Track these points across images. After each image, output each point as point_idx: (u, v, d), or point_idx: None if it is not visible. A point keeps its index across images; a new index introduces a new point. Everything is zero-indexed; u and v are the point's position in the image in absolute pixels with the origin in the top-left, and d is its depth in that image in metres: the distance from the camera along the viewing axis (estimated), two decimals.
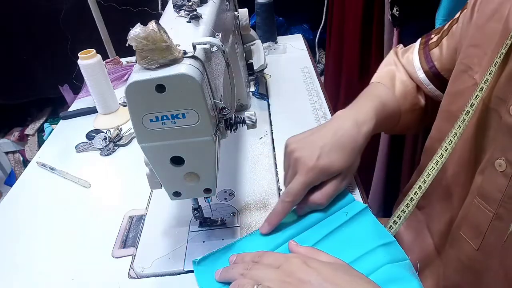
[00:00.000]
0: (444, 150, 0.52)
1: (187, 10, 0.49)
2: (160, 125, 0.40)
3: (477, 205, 0.51)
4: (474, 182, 0.52)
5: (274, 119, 0.82)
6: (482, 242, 0.51)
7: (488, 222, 0.50)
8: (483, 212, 0.50)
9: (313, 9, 1.68)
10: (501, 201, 0.48)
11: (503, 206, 0.47)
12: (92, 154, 0.80)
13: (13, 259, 0.58)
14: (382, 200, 1.34)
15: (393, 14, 1.02)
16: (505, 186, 0.47)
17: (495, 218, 0.49)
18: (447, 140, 0.52)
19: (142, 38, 0.36)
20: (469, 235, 0.53)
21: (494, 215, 0.49)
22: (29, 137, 1.84)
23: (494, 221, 0.49)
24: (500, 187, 0.47)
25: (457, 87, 0.56)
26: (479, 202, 0.51)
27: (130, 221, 0.62)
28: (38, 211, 0.67)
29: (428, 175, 0.53)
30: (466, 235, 0.54)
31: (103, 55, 0.88)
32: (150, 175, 0.48)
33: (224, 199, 0.62)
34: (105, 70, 0.88)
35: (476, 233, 0.52)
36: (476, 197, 0.51)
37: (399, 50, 0.72)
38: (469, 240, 0.53)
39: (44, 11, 1.55)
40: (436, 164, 0.52)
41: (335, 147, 0.55)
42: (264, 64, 0.84)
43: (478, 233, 0.51)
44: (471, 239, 0.53)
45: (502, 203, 0.47)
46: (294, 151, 0.56)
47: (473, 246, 0.53)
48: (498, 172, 0.47)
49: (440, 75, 0.63)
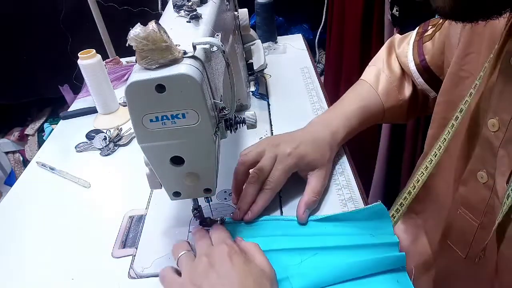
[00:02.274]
0: (433, 155, 0.52)
1: (187, 10, 0.49)
2: (160, 125, 0.40)
3: (462, 215, 0.52)
4: (458, 192, 0.52)
5: (274, 119, 0.82)
6: (469, 250, 0.51)
7: (474, 231, 0.50)
8: (468, 222, 0.51)
9: (313, 9, 1.68)
10: (485, 212, 0.48)
11: (486, 216, 0.48)
12: (92, 154, 0.80)
13: (13, 259, 0.58)
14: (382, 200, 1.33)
15: (393, 14, 1.02)
16: (487, 197, 0.47)
17: (480, 227, 0.49)
18: (436, 145, 0.52)
19: (142, 38, 0.36)
20: (457, 244, 0.54)
21: (479, 225, 0.49)
22: (29, 137, 1.83)
23: (480, 231, 0.49)
24: (483, 198, 0.48)
25: (450, 94, 0.56)
26: (464, 212, 0.51)
27: (130, 221, 0.62)
28: (38, 211, 0.67)
29: (418, 180, 0.54)
30: (454, 244, 0.55)
31: (103, 55, 0.88)
32: (150, 175, 0.48)
33: (224, 199, 0.62)
34: (105, 70, 0.88)
35: (463, 242, 0.52)
36: (461, 207, 0.52)
37: (396, 39, 0.73)
38: (456, 249, 0.54)
39: (44, 11, 1.55)
40: (425, 169, 0.53)
41: (311, 143, 0.60)
42: (264, 64, 0.84)
43: (465, 242, 0.52)
44: (458, 248, 0.54)
45: (486, 214, 0.48)
46: (274, 140, 0.61)
47: (461, 254, 0.53)
48: (481, 183, 0.48)
49: (429, 69, 0.64)
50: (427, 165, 0.53)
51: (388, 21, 1.11)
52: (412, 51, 0.66)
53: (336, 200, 0.59)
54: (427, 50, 0.64)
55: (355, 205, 0.58)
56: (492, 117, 0.44)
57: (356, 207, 0.57)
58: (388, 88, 0.69)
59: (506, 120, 0.43)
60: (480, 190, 0.48)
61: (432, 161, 0.53)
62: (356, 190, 0.61)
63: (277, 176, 0.57)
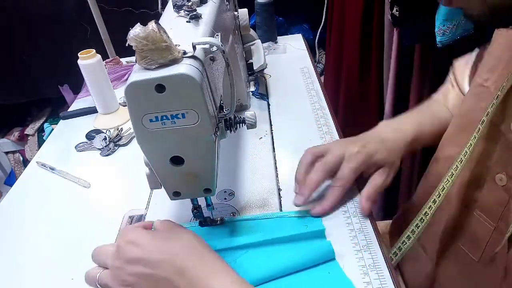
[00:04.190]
0: (450, 176, 0.53)
1: (187, 10, 0.49)
2: (160, 125, 0.40)
3: (477, 218, 0.51)
4: (473, 195, 0.52)
5: (274, 119, 0.82)
6: (482, 254, 0.51)
7: (489, 234, 0.50)
8: (483, 225, 0.50)
9: (313, 9, 1.68)
10: (502, 215, 0.48)
11: (503, 220, 0.48)
12: (92, 154, 0.80)
13: (13, 259, 0.58)
14: (382, 202, 1.34)
15: (393, 14, 1.02)
16: (506, 200, 0.47)
17: (495, 230, 0.49)
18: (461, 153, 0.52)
19: (142, 38, 0.36)
20: (469, 248, 0.54)
21: (495, 228, 0.49)
22: (29, 137, 1.83)
23: (494, 234, 0.49)
24: (501, 201, 0.47)
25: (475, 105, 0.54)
26: (479, 215, 0.51)
27: (130, 221, 0.62)
28: (38, 211, 0.67)
29: (430, 207, 0.55)
30: (466, 248, 0.54)
31: (103, 55, 0.88)
32: (150, 175, 0.48)
33: (224, 199, 0.62)
34: (105, 70, 0.88)
35: (476, 246, 0.52)
36: (476, 210, 0.51)
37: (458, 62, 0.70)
38: (469, 253, 0.54)
39: (45, 11, 1.55)
40: (442, 190, 0.54)
41: (379, 143, 0.59)
42: (264, 64, 0.84)
43: (478, 246, 0.52)
44: (471, 251, 0.53)
45: (503, 217, 0.48)
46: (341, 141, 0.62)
47: (473, 258, 0.53)
48: (499, 186, 0.48)
49: None
50: (444, 185, 0.54)
51: (388, 21, 1.11)
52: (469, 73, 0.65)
53: None
54: None
55: (354, 205, 0.58)
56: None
57: (355, 207, 0.57)
58: (457, 103, 0.66)
59: None
60: (498, 192, 0.48)
61: (449, 181, 0.54)
62: (356, 192, 0.61)
63: (346, 173, 0.56)
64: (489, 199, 0.50)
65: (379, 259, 0.49)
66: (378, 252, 0.50)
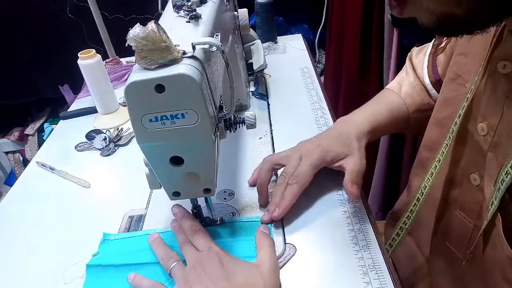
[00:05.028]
0: (430, 175, 0.54)
1: (187, 10, 0.49)
2: (160, 125, 0.40)
3: (458, 217, 0.52)
4: (452, 194, 0.53)
5: (274, 119, 0.82)
6: (466, 252, 0.52)
7: (470, 233, 0.51)
8: (464, 224, 0.51)
9: (313, 9, 1.68)
10: (479, 214, 0.49)
11: (479, 218, 0.48)
12: (92, 154, 0.80)
13: (13, 259, 0.58)
14: (382, 201, 1.34)
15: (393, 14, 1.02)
16: (481, 199, 0.48)
17: (475, 229, 0.50)
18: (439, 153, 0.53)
19: (142, 38, 0.36)
20: (455, 246, 0.55)
21: (474, 226, 0.50)
22: (29, 137, 1.83)
23: (475, 232, 0.50)
24: (477, 200, 0.48)
25: (445, 95, 0.57)
26: (459, 213, 0.52)
27: (130, 221, 0.62)
28: (38, 211, 0.67)
29: (415, 205, 0.55)
30: (452, 246, 0.55)
31: (103, 55, 0.88)
32: (150, 175, 0.48)
33: (223, 199, 0.62)
34: (105, 70, 0.88)
35: (460, 244, 0.53)
36: (457, 209, 0.52)
37: (414, 50, 0.72)
38: (455, 251, 0.54)
39: (44, 11, 1.55)
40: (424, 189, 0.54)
41: (335, 138, 0.61)
42: (264, 64, 0.84)
43: (463, 244, 0.52)
44: (457, 249, 0.54)
45: (479, 216, 0.48)
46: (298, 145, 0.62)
47: (459, 256, 0.54)
48: (474, 186, 0.49)
49: (440, 81, 0.64)
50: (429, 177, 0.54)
51: (388, 21, 1.11)
52: (427, 63, 0.66)
53: (336, 200, 0.59)
54: (440, 62, 0.64)
55: (354, 205, 0.58)
56: (481, 121, 0.46)
57: (355, 207, 0.57)
58: (411, 92, 0.68)
59: (494, 125, 0.44)
60: (474, 192, 0.49)
61: (433, 174, 0.54)
62: None
63: (303, 170, 0.57)
64: (467, 198, 0.51)
65: (378, 259, 0.49)
66: (378, 252, 0.50)
